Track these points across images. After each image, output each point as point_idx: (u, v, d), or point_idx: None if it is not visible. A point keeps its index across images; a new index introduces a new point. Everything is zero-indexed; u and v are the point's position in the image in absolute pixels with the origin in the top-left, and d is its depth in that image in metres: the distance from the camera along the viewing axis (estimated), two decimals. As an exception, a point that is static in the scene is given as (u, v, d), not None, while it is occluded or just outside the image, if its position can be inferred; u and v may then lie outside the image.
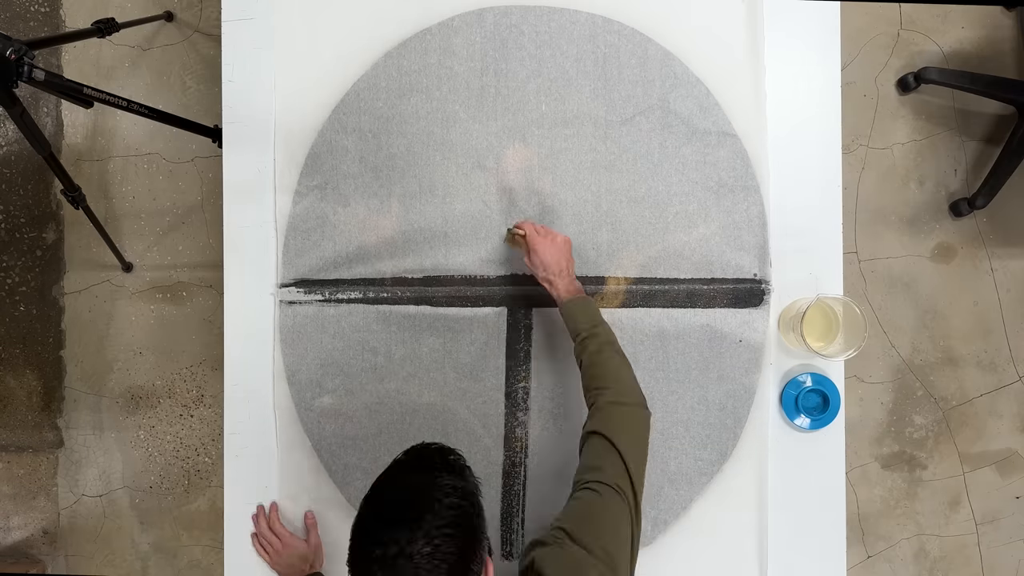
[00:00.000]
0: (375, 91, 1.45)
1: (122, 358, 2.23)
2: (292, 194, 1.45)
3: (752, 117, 1.45)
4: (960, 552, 2.24)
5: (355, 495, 1.44)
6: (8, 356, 2.25)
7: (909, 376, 2.23)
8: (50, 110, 2.24)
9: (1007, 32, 2.24)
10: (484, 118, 1.45)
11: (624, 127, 1.45)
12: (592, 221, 1.45)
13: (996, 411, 2.24)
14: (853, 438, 2.21)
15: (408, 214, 1.45)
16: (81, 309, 2.24)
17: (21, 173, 2.25)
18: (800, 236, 1.43)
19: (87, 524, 2.25)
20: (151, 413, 2.23)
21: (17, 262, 2.25)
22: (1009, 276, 2.24)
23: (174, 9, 2.22)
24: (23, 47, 1.43)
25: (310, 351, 1.45)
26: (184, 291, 2.22)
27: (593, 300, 1.30)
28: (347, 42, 1.46)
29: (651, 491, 1.43)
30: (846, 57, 2.19)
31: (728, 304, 1.45)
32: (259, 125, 1.46)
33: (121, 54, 2.22)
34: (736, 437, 1.44)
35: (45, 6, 2.25)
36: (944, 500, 2.24)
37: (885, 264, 2.23)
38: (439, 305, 1.45)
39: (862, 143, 2.22)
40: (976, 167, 2.23)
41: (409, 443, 1.04)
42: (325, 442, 1.44)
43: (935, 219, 2.24)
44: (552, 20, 1.45)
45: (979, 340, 2.24)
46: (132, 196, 2.22)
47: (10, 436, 2.25)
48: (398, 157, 1.45)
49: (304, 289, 1.45)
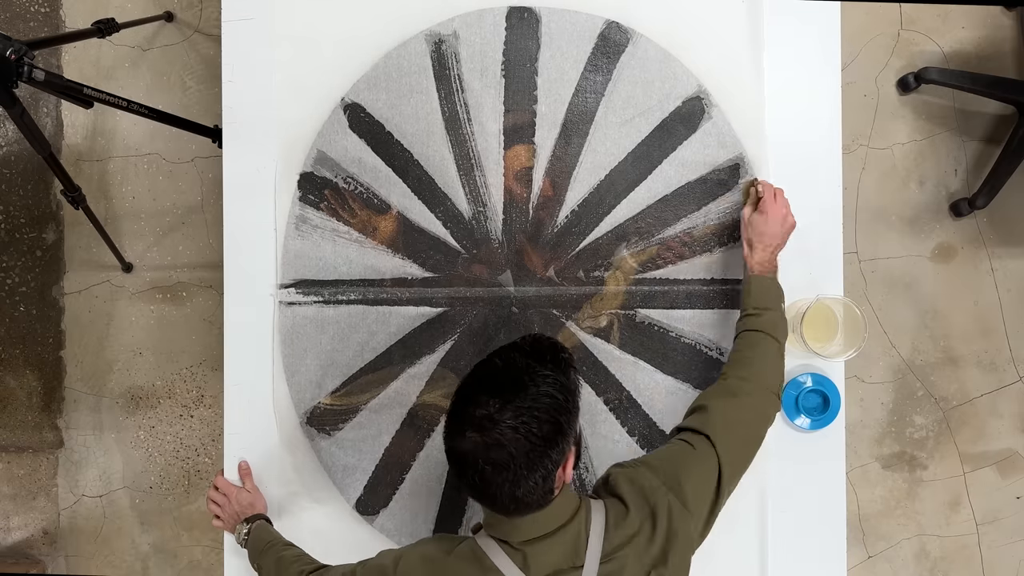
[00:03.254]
0: (374, 91, 1.45)
1: (122, 358, 2.23)
2: (292, 194, 1.45)
3: (752, 117, 1.45)
4: (960, 552, 2.24)
5: (354, 496, 1.44)
6: (8, 356, 2.25)
7: (909, 376, 2.23)
8: (50, 110, 2.24)
9: (1007, 32, 2.24)
10: (484, 119, 1.45)
11: (624, 128, 1.45)
12: (592, 221, 1.45)
13: (996, 411, 2.24)
14: (853, 438, 2.21)
15: (408, 214, 1.45)
16: (81, 309, 2.24)
17: (21, 173, 2.25)
18: (800, 236, 1.43)
19: (87, 524, 2.25)
20: (151, 413, 2.23)
21: (17, 262, 2.25)
22: (1009, 276, 2.24)
23: (174, 9, 2.22)
24: (23, 47, 1.43)
25: (310, 352, 1.45)
26: (184, 291, 2.22)
27: (778, 283, 1.33)
28: (347, 42, 1.46)
29: (651, 491, 1.43)
30: (846, 57, 2.19)
31: (727, 305, 1.45)
32: (259, 125, 1.46)
33: (121, 54, 2.22)
34: (736, 437, 1.44)
35: (45, 6, 2.25)
36: (944, 500, 2.24)
37: (885, 264, 2.23)
38: (439, 306, 1.45)
39: (862, 143, 2.22)
40: (976, 167, 2.23)
41: (408, 444, 1.05)
42: (325, 442, 1.44)
43: (935, 219, 2.24)
44: (552, 21, 1.45)
45: (979, 340, 2.24)
46: (132, 196, 2.22)
47: (10, 436, 2.25)
48: (397, 157, 1.45)
49: (304, 290, 1.45)
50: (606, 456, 1.44)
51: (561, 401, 1.00)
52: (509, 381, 0.99)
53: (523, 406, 0.97)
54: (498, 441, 0.95)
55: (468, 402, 0.99)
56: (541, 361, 1.02)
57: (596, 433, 1.44)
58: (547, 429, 0.97)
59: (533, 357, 1.03)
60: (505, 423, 0.95)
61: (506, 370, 1.01)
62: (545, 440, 0.97)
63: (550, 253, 1.45)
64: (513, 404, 0.96)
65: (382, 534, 1.44)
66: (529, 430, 0.96)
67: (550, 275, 1.45)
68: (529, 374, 1.00)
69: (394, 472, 1.44)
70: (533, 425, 0.96)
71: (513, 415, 0.96)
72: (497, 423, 0.95)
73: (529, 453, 0.96)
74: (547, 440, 0.97)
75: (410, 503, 1.43)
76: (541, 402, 0.98)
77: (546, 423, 0.97)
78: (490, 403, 0.97)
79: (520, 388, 0.98)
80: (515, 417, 0.96)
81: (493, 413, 0.96)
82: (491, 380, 1.01)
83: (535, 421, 0.96)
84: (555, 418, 0.98)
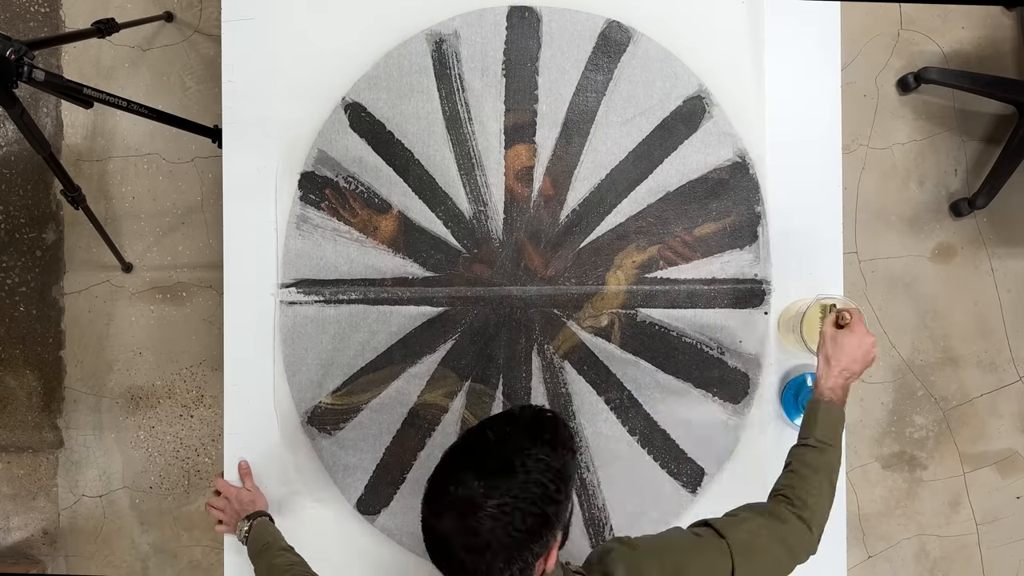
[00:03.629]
0: (375, 91, 1.45)
1: (122, 358, 2.23)
2: (293, 194, 1.45)
3: (752, 117, 1.45)
4: (960, 552, 2.24)
5: (355, 495, 1.44)
6: (8, 356, 2.25)
7: (909, 376, 2.23)
8: (50, 110, 2.24)
9: (1007, 32, 2.24)
10: (484, 118, 1.45)
11: (625, 127, 1.45)
12: (593, 221, 1.45)
13: (996, 411, 2.24)
14: (853, 438, 2.21)
15: (409, 213, 1.45)
16: (81, 309, 2.24)
17: (21, 173, 2.25)
18: (800, 236, 1.43)
19: (87, 524, 2.24)
20: (151, 413, 2.23)
21: (17, 262, 2.24)
22: (1009, 276, 2.24)
23: (174, 9, 2.21)
24: (23, 47, 1.43)
25: (310, 351, 1.45)
26: (184, 291, 2.22)
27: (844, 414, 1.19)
28: (347, 42, 1.46)
29: (651, 491, 1.43)
30: (846, 57, 2.19)
31: (728, 304, 1.45)
32: (259, 125, 1.46)
33: (121, 54, 2.22)
34: (736, 438, 1.44)
35: (45, 6, 2.25)
36: (944, 500, 2.24)
37: (885, 264, 2.23)
38: (440, 305, 1.45)
39: (862, 143, 2.22)
40: (976, 167, 2.23)
41: (409, 443, 1.03)
42: (325, 442, 1.44)
43: (935, 219, 2.24)
44: (553, 20, 1.45)
45: (979, 340, 2.24)
46: (132, 196, 2.22)
47: (10, 436, 2.25)
48: (398, 157, 1.45)
49: (304, 289, 1.45)
50: (607, 456, 1.44)
51: (552, 491, 0.91)
52: (498, 462, 0.91)
53: (509, 493, 0.89)
54: (476, 529, 0.88)
55: (451, 478, 0.91)
56: (538, 440, 0.94)
57: (597, 433, 1.44)
58: (531, 522, 0.89)
59: (529, 434, 0.94)
60: (486, 510, 0.88)
61: (497, 447, 0.93)
62: (528, 533, 0.89)
63: (551, 252, 1.45)
64: (499, 490, 0.89)
65: (383, 533, 1.44)
66: (511, 521, 0.88)
67: (551, 274, 1.45)
68: (521, 456, 0.91)
69: (395, 472, 1.44)
70: (517, 516, 0.88)
71: (497, 503, 0.88)
72: (478, 508, 0.88)
73: (509, 546, 0.89)
74: (530, 533, 0.90)
75: (411, 503, 1.43)
76: (529, 491, 0.89)
77: (531, 515, 0.89)
78: (474, 484, 0.89)
79: (509, 472, 0.90)
80: (499, 505, 0.88)
81: (475, 497, 0.88)
82: (479, 457, 0.93)
83: (519, 513, 0.88)
84: (542, 510, 0.90)
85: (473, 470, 0.91)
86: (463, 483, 0.90)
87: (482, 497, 0.88)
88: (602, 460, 1.44)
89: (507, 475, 0.90)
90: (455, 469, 0.93)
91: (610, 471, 1.44)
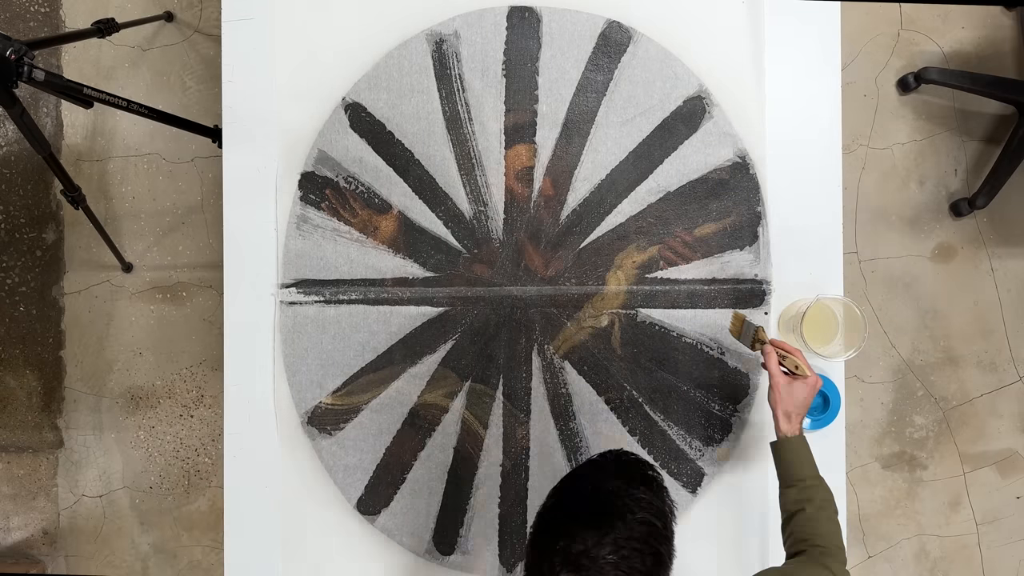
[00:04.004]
0: (375, 91, 1.45)
1: (122, 358, 2.23)
2: (293, 194, 1.45)
3: (752, 117, 1.45)
4: (960, 552, 2.24)
5: (355, 495, 1.44)
6: (8, 356, 2.25)
7: (909, 376, 2.23)
8: (50, 110, 2.24)
9: (1007, 32, 2.24)
10: (485, 118, 1.45)
11: (625, 127, 1.45)
12: (593, 221, 1.45)
13: (996, 411, 2.24)
14: (853, 438, 2.21)
15: (409, 214, 1.45)
16: (81, 309, 2.24)
17: (21, 173, 2.25)
18: (800, 236, 1.43)
19: (87, 524, 2.24)
20: (151, 413, 2.23)
21: (17, 262, 2.24)
22: (1009, 276, 2.24)
23: (174, 9, 2.21)
24: (23, 47, 1.43)
25: (310, 352, 1.45)
26: (184, 291, 2.22)
27: (804, 437, 1.22)
28: (347, 42, 1.46)
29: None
30: (846, 57, 2.19)
31: (728, 304, 1.45)
32: (259, 125, 1.46)
33: (121, 54, 2.22)
34: (737, 438, 1.45)
35: (45, 6, 2.25)
36: (944, 500, 2.24)
37: (885, 264, 2.23)
38: (440, 306, 1.45)
39: (862, 143, 2.22)
40: (976, 167, 2.23)
41: (409, 443, 1.03)
42: (325, 442, 1.44)
43: (935, 219, 2.24)
44: (553, 21, 1.45)
45: (979, 340, 2.24)
46: (132, 196, 2.22)
47: (10, 436, 2.25)
48: (398, 157, 1.45)
49: (304, 290, 1.45)
50: (607, 456, 1.44)
51: (659, 528, 0.89)
52: (602, 509, 0.88)
53: (622, 537, 0.86)
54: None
55: (558, 535, 0.87)
56: (631, 482, 0.92)
57: (597, 433, 1.44)
58: (650, 562, 0.87)
59: (622, 477, 0.93)
60: (605, 559, 0.84)
61: (596, 496, 0.90)
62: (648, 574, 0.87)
63: (551, 252, 1.45)
64: (611, 536, 0.86)
65: (383, 534, 1.44)
66: (631, 566, 0.85)
67: (551, 274, 1.45)
68: (622, 499, 0.89)
69: (395, 472, 1.44)
70: (635, 560, 0.85)
71: (613, 548, 0.85)
72: (595, 559, 0.85)
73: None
74: (649, 573, 0.87)
75: (411, 503, 1.44)
76: (639, 531, 0.87)
77: (648, 555, 0.87)
78: (585, 537, 0.86)
79: (616, 517, 0.87)
80: (615, 551, 0.85)
81: (590, 548, 0.85)
82: (580, 508, 0.89)
83: (637, 555, 0.86)
84: (656, 548, 0.88)
85: (579, 522, 0.88)
86: (573, 538, 0.86)
87: (596, 547, 0.85)
88: (602, 460, 1.44)
89: (615, 520, 0.87)
90: (559, 525, 0.89)
91: (610, 471, 1.44)
